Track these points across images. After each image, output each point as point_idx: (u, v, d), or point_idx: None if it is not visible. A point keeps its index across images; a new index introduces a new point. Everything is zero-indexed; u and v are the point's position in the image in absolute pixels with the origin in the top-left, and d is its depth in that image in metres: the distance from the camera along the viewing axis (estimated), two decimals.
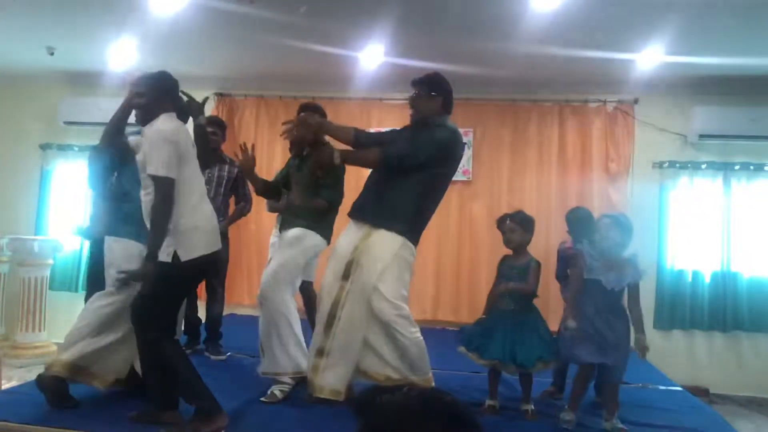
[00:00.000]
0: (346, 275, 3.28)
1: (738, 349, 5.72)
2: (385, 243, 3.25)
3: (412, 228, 3.32)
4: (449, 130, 3.34)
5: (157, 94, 2.98)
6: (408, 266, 3.29)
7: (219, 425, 2.87)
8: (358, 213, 3.39)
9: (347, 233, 3.41)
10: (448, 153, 3.33)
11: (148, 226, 2.88)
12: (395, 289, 3.21)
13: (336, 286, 3.30)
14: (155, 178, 2.81)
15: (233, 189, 4.62)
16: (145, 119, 2.97)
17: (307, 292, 4.36)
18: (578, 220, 3.76)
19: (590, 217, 3.78)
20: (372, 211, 3.32)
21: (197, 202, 2.95)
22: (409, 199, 3.30)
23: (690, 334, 5.80)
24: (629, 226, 3.31)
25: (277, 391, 3.41)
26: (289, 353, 3.44)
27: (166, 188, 2.81)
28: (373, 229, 3.28)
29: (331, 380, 3.24)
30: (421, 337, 3.25)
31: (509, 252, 3.52)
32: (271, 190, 3.86)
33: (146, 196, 2.91)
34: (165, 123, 2.91)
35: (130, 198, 3.16)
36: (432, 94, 3.37)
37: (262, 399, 3.37)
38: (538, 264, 3.40)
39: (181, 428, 2.84)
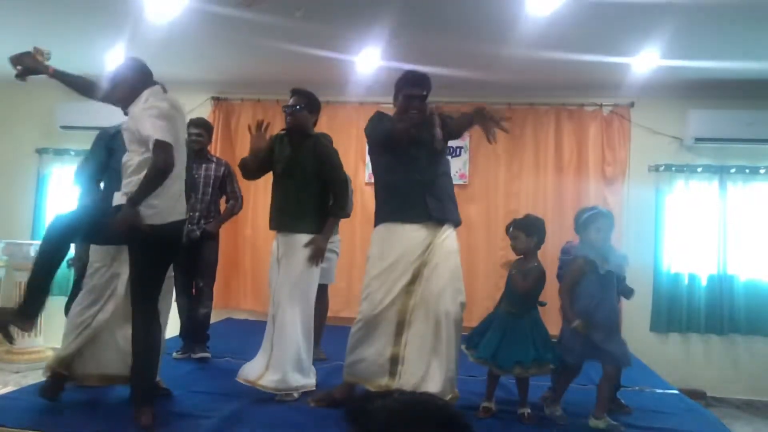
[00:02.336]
0: (413, 280, 3.22)
1: (735, 352, 5.73)
2: (452, 240, 3.32)
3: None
4: None
5: (137, 75, 3.11)
6: None
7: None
8: (425, 216, 3.27)
9: (401, 238, 3.27)
10: None
11: (125, 186, 2.92)
12: (461, 290, 3.26)
13: (401, 295, 3.22)
14: (159, 143, 2.82)
15: (222, 188, 4.63)
16: (129, 101, 3.05)
17: (322, 296, 4.36)
18: None
19: None
20: (443, 210, 3.31)
21: (178, 192, 3.00)
22: (451, 184, 3.43)
23: (686, 337, 5.80)
24: (613, 219, 3.38)
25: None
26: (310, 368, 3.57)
27: (167, 153, 2.83)
28: (439, 226, 3.29)
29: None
30: None
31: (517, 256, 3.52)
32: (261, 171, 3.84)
33: (135, 157, 2.94)
34: (158, 100, 2.99)
35: None
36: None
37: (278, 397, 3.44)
38: (541, 271, 3.38)
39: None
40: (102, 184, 3.82)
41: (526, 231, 3.40)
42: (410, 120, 3.25)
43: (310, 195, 3.59)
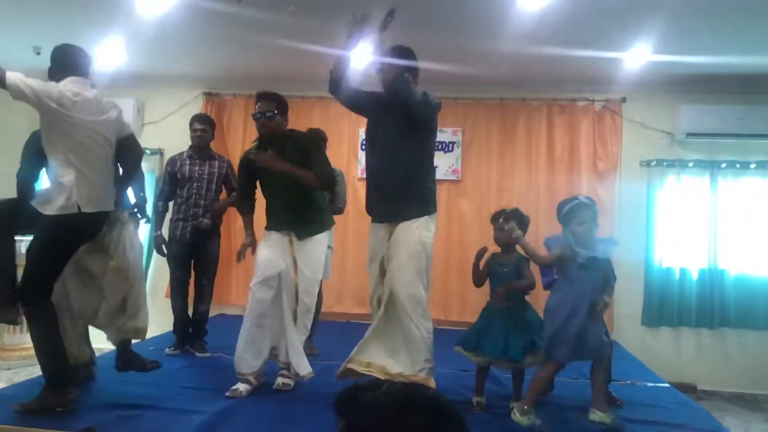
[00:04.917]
0: (382, 273, 3.40)
1: (725, 346, 5.77)
2: (408, 231, 3.32)
3: (428, 202, 3.43)
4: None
5: (56, 64, 3.19)
6: (427, 248, 3.34)
7: (67, 397, 2.97)
8: (379, 217, 3.48)
9: (374, 235, 3.50)
10: (437, 112, 3.47)
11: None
12: (412, 275, 3.29)
13: (378, 286, 3.45)
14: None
15: (224, 184, 4.65)
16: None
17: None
18: None
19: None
20: (393, 210, 3.38)
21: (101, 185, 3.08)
22: (419, 181, 3.39)
23: (678, 331, 5.84)
24: (596, 207, 3.31)
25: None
26: None
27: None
28: (397, 223, 3.36)
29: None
30: (430, 332, 3.31)
31: (497, 250, 3.52)
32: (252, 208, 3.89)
33: None
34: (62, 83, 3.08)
35: None
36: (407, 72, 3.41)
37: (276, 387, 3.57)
38: (528, 260, 3.40)
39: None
40: None
41: (517, 224, 3.41)
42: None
43: (308, 194, 3.62)
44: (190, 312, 4.63)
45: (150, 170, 6.47)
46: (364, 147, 6.13)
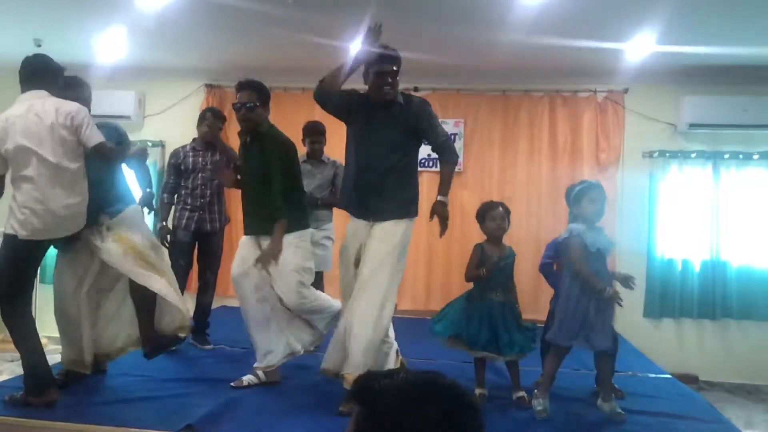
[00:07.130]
0: (356, 263, 3.38)
1: (727, 337, 5.78)
2: (391, 229, 3.31)
3: (412, 204, 3.42)
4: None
5: (20, 78, 3.23)
6: (406, 248, 3.38)
7: (47, 399, 2.99)
8: (362, 213, 3.43)
9: (353, 227, 3.47)
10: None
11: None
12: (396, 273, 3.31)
13: (353, 278, 3.38)
14: None
15: None
16: None
17: (318, 284, 4.39)
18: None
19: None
20: (375, 210, 3.36)
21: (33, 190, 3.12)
22: (406, 184, 3.40)
23: (679, 323, 5.84)
24: (604, 191, 3.33)
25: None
26: None
27: None
28: (378, 222, 3.34)
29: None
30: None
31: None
32: None
33: None
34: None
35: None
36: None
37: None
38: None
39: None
40: None
41: (508, 217, 3.47)
42: None
43: (281, 194, 3.50)
44: (189, 304, 4.63)
45: (152, 162, 6.46)
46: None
